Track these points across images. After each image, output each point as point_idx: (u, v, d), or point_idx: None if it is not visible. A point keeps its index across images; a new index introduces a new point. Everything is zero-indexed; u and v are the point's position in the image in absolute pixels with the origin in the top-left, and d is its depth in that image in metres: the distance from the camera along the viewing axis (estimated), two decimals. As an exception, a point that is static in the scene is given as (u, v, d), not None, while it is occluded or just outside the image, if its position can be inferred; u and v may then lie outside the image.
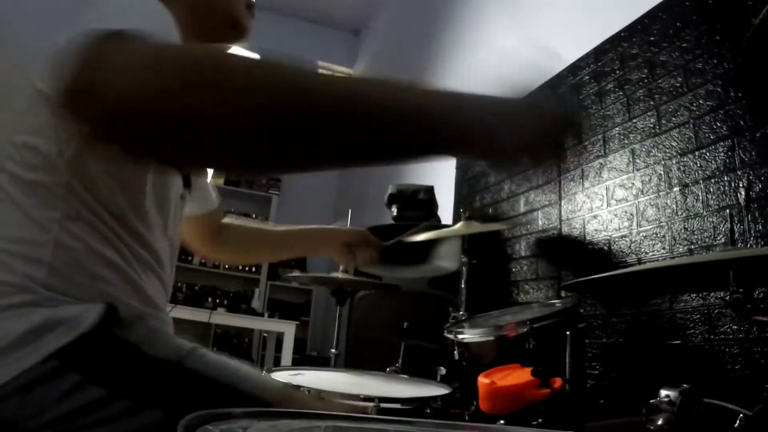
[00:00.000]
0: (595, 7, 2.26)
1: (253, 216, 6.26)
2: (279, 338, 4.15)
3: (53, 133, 0.71)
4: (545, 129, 0.61)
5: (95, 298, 0.72)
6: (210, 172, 1.13)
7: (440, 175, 3.31)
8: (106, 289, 0.74)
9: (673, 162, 1.68)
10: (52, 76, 0.53)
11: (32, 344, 0.66)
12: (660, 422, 0.85)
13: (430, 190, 2.82)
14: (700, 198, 1.56)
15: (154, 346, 0.72)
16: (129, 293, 0.78)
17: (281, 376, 1.18)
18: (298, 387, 1.01)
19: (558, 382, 1.07)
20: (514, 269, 2.42)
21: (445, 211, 3.08)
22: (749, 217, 1.39)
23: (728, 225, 1.45)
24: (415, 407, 1.18)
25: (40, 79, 0.71)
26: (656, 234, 1.69)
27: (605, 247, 1.90)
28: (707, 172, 1.55)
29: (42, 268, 0.70)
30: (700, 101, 1.61)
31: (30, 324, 0.66)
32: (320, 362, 5.06)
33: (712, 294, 1.45)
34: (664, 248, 1.66)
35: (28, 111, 0.73)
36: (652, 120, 1.79)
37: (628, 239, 1.80)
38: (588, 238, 2.00)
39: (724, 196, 1.48)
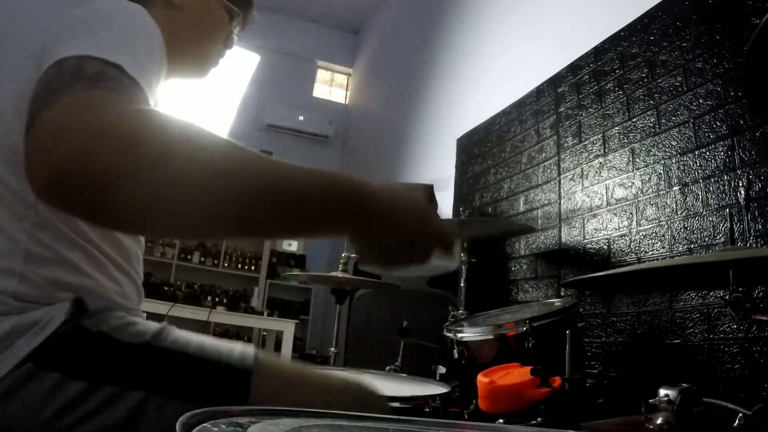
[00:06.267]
0: (595, 7, 2.26)
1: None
2: (278, 337, 4.16)
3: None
4: (428, 230, 0.65)
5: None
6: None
7: (440, 174, 3.31)
8: (78, 296, 0.73)
9: (673, 161, 1.68)
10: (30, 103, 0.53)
11: (4, 351, 0.65)
12: (659, 421, 0.85)
13: (429, 189, 2.82)
14: (700, 197, 1.56)
15: (124, 332, 0.71)
16: (101, 298, 0.77)
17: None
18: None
19: (557, 381, 1.07)
20: (513, 268, 2.43)
21: (445, 210, 3.08)
22: (749, 216, 1.39)
23: (728, 224, 1.45)
24: (414, 406, 1.18)
25: (19, 81, 0.69)
26: (656, 233, 1.69)
27: (605, 247, 1.90)
28: (707, 171, 1.55)
29: (13, 278, 0.69)
30: (700, 100, 1.61)
31: (0, 332, 0.65)
32: (319, 361, 5.06)
33: (711, 293, 1.45)
34: (663, 247, 1.66)
35: (8, 116, 0.70)
36: (652, 119, 1.79)
37: (627, 238, 1.80)
38: (588, 237, 2.00)
39: (723, 196, 1.48)
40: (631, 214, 1.81)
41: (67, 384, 0.65)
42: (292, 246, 6.54)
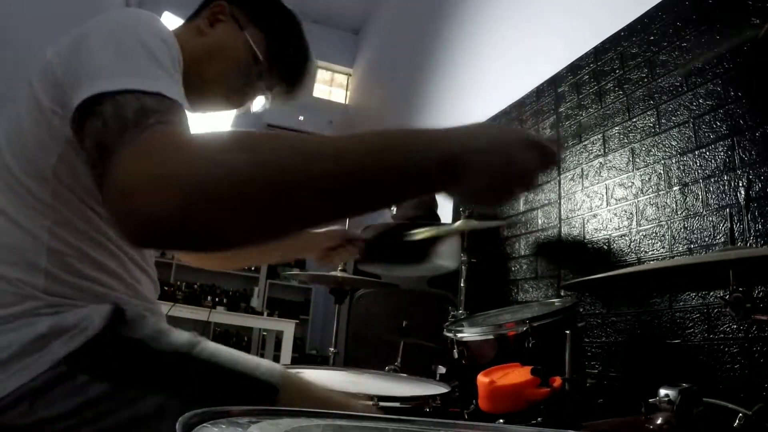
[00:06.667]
0: (595, 7, 2.26)
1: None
2: (278, 337, 4.16)
3: (40, 140, 0.70)
4: (529, 158, 0.62)
5: (94, 300, 0.73)
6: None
7: (440, 174, 3.31)
8: (101, 290, 0.75)
9: (673, 161, 1.68)
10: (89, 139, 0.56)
11: (40, 352, 0.66)
12: (659, 421, 0.85)
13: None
14: (700, 197, 1.56)
15: (159, 340, 0.73)
16: (122, 291, 0.79)
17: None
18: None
19: (557, 381, 1.07)
20: (513, 268, 2.42)
21: (445, 209, 3.08)
22: (749, 216, 1.39)
23: (728, 224, 1.45)
24: (415, 406, 1.18)
25: (36, 86, 0.70)
26: (656, 233, 1.69)
27: (605, 247, 1.90)
28: (707, 171, 1.55)
29: (39, 274, 0.70)
30: (700, 100, 1.61)
31: (35, 332, 0.66)
32: (319, 361, 5.06)
33: (711, 293, 1.45)
34: (663, 247, 1.65)
35: (23, 118, 0.72)
36: (652, 119, 1.79)
37: (627, 238, 1.80)
38: (588, 237, 2.00)
39: (723, 196, 1.48)
40: (631, 214, 1.81)
41: (92, 384, 0.66)
42: (292, 246, 6.53)
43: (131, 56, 0.62)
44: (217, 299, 4.46)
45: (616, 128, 1.95)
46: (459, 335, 1.44)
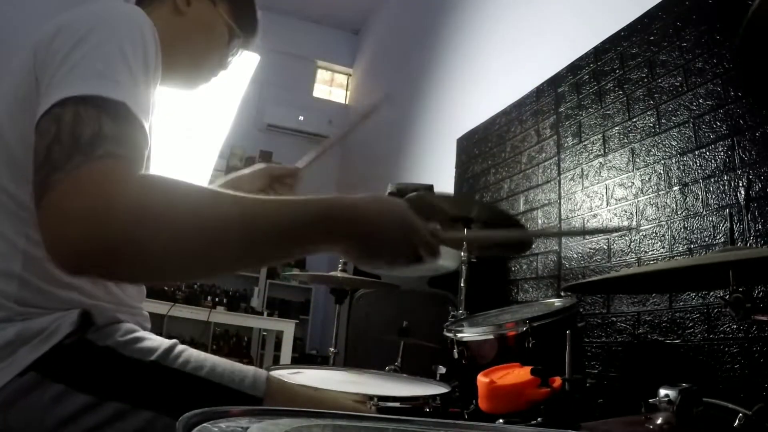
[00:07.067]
0: (595, 7, 2.26)
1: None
2: (278, 337, 4.15)
3: (22, 139, 0.67)
4: (407, 241, 0.68)
5: (68, 308, 0.71)
6: None
7: (440, 174, 3.31)
8: (78, 297, 0.73)
9: (673, 161, 1.68)
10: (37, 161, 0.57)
11: (7, 359, 0.64)
12: (659, 421, 0.85)
13: (429, 189, 2.81)
14: (700, 197, 1.56)
15: (132, 347, 0.71)
16: (102, 297, 0.77)
17: (280, 375, 1.17)
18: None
19: (557, 381, 1.07)
20: (513, 268, 2.42)
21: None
22: (749, 216, 1.39)
23: (728, 224, 1.45)
24: (415, 406, 1.18)
25: (17, 82, 0.68)
26: (656, 233, 1.69)
27: (605, 246, 1.90)
28: (707, 171, 1.55)
29: (13, 281, 0.68)
30: (700, 100, 1.61)
31: (3, 339, 0.65)
32: (319, 361, 5.07)
33: (711, 293, 1.45)
34: (663, 247, 1.65)
35: (3, 116, 0.70)
36: (652, 119, 1.79)
37: (627, 238, 1.80)
38: (588, 237, 2.00)
39: (723, 196, 1.48)
40: (631, 214, 1.81)
41: (70, 396, 0.65)
42: (292, 246, 6.52)
43: (102, 59, 0.61)
44: (217, 299, 4.46)
45: (616, 128, 1.95)
46: (459, 335, 1.44)
